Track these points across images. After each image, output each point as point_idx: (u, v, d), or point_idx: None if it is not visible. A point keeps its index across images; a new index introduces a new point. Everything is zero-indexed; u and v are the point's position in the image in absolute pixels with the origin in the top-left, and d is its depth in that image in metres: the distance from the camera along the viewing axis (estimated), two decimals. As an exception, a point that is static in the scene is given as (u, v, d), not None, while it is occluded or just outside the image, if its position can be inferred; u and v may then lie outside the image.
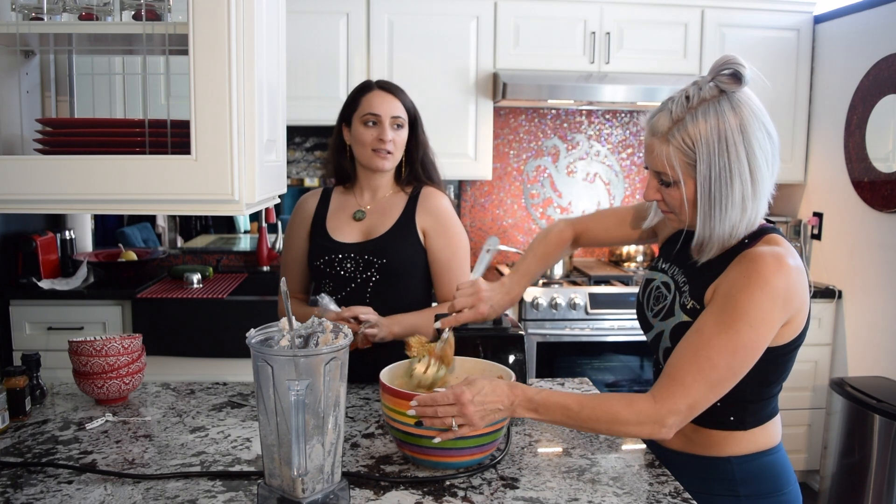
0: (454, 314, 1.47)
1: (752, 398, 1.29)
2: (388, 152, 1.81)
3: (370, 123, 1.80)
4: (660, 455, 1.41)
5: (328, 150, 1.95)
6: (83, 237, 3.60)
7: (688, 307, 1.29)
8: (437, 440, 1.25)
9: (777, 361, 1.26)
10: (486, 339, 1.57)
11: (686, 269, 1.35)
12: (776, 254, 1.20)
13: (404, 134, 1.84)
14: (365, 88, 1.84)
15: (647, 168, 1.31)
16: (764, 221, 1.30)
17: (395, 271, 1.81)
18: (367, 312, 1.72)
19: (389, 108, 1.80)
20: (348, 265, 1.82)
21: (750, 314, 1.18)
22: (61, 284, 3.05)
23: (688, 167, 1.22)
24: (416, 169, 1.90)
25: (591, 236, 1.63)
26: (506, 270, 3.60)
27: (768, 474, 1.32)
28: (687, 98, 1.22)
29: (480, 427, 1.24)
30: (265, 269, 3.59)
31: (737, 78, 1.20)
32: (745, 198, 1.21)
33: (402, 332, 1.76)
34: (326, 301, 1.72)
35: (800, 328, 1.25)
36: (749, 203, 1.22)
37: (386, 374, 1.37)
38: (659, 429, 1.21)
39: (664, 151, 1.23)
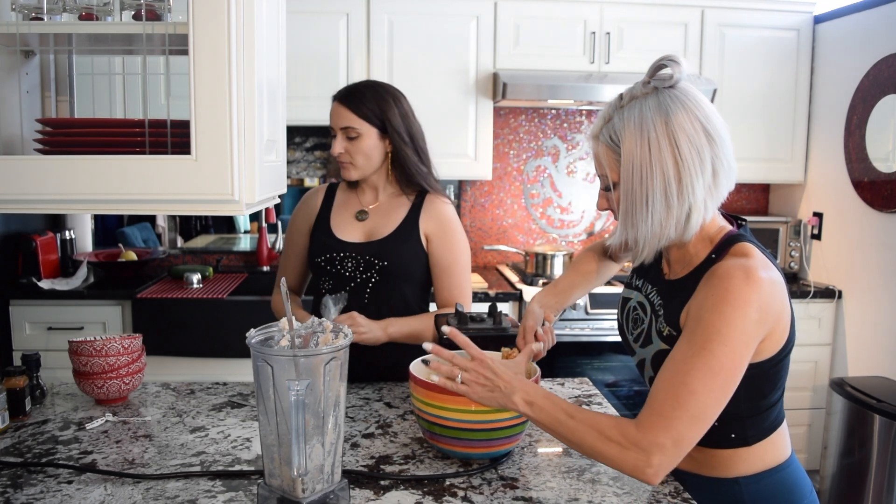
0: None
1: (748, 413, 1.23)
2: (346, 163, 1.81)
3: (332, 136, 1.83)
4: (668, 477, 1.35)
5: (330, 150, 1.95)
6: (83, 237, 3.60)
7: (664, 334, 1.24)
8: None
9: (768, 374, 1.21)
10: (487, 339, 1.57)
11: (660, 287, 1.30)
12: (745, 267, 1.14)
13: (364, 142, 1.79)
14: (333, 98, 1.84)
15: None
16: (731, 228, 1.25)
17: (395, 274, 1.81)
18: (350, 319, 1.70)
19: (338, 120, 1.79)
20: (349, 265, 1.82)
21: (723, 333, 1.10)
22: (61, 284, 3.05)
23: (616, 164, 1.19)
24: (402, 175, 1.85)
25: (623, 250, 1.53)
26: (506, 270, 3.60)
27: (780, 493, 1.25)
28: (620, 97, 1.20)
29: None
30: (265, 269, 3.59)
31: (669, 75, 1.16)
32: (668, 195, 1.15)
33: (399, 335, 1.76)
34: (330, 308, 1.69)
35: (783, 338, 1.19)
36: (674, 201, 1.15)
37: (416, 367, 1.40)
38: (644, 468, 1.11)
39: (595, 151, 1.22)
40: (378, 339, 1.74)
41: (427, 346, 1.27)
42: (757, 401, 1.22)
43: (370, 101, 1.79)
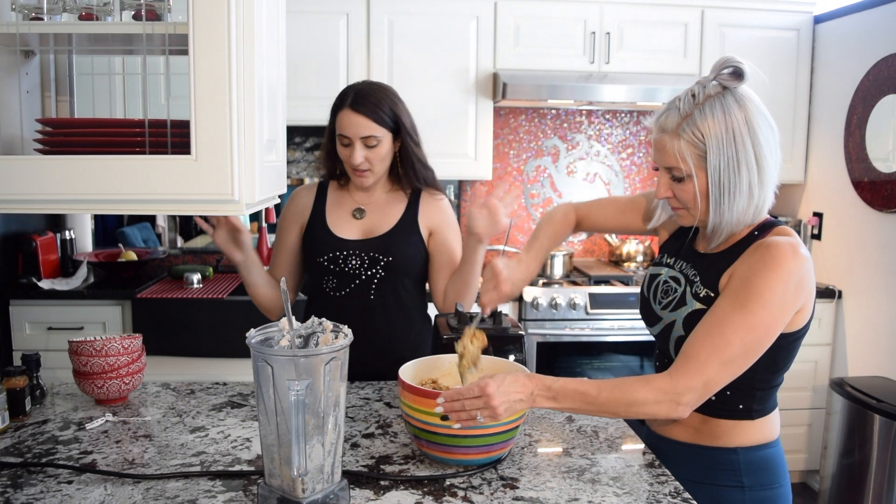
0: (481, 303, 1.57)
1: (760, 385, 1.34)
2: (366, 171, 1.79)
3: (344, 143, 1.78)
4: (666, 447, 1.43)
5: (321, 150, 1.93)
6: (83, 237, 3.59)
7: (701, 295, 1.34)
8: (457, 426, 1.26)
9: (787, 348, 1.32)
10: (487, 339, 1.57)
11: (694, 262, 1.40)
12: (791, 243, 1.27)
13: (383, 148, 1.78)
14: (340, 104, 1.79)
15: (655, 169, 1.37)
16: (769, 216, 1.36)
17: (399, 269, 1.83)
18: None
19: (359, 129, 1.75)
20: (353, 262, 1.82)
21: (765, 296, 1.23)
22: (61, 284, 3.05)
23: (699, 159, 1.28)
24: (408, 174, 1.86)
25: (591, 223, 1.69)
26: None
27: (770, 466, 1.37)
28: (693, 95, 1.29)
29: (503, 418, 1.27)
30: (265, 269, 3.58)
31: (738, 75, 1.27)
32: (751, 185, 1.28)
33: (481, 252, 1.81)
34: None
35: (808, 316, 1.31)
36: (755, 190, 1.28)
37: (404, 371, 1.39)
38: (675, 406, 1.25)
39: (675, 146, 1.29)
40: (486, 236, 1.76)
41: (439, 400, 1.27)
42: (770, 373, 1.33)
43: (384, 105, 1.77)
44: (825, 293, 3.35)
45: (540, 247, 1.66)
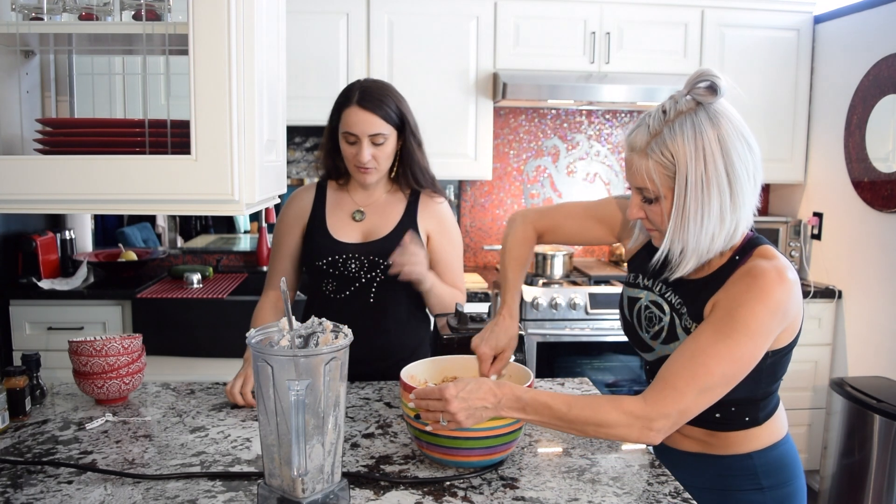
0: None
1: (761, 395, 1.33)
2: (371, 168, 1.78)
3: (350, 141, 1.77)
4: (678, 458, 1.41)
5: (320, 150, 1.92)
6: (83, 237, 3.60)
7: (692, 330, 1.29)
8: (429, 428, 1.26)
9: (782, 360, 1.31)
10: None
11: (676, 288, 1.35)
12: (778, 268, 1.21)
13: (389, 145, 1.78)
14: (345, 101, 1.77)
15: (628, 189, 1.30)
16: (749, 232, 1.30)
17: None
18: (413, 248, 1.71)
19: (366, 127, 1.74)
20: (352, 266, 1.81)
21: (751, 326, 1.18)
22: (61, 284, 3.05)
23: (668, 180, 1.21)
24: (406, 175, 1.86)
25: (555, 237, 1.60)
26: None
27: (785, 463, 1.36)
28: (664, 112, 1.21)
29: (467, 425, 1.23)
30: (265, 269, 3.58)
31: (712, 90, 1.19)
32: (723, 209, 1.20)
33: (429, 287, 1.79)
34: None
35: (797, 330, 1.29)
36: (727, 215, 1.21)
37: (405, 372, 1.39)
38: (647, 432, 1.20)
39: (644, 166, 1.22)
40: (423, 275, 1.74)
41: (411, 395, 1.27)
42: (771, 383, 1.32)
43: (390, 102, 1.77)
44: (825, 293, 3.35)
45: (513, 287, 1.56)
